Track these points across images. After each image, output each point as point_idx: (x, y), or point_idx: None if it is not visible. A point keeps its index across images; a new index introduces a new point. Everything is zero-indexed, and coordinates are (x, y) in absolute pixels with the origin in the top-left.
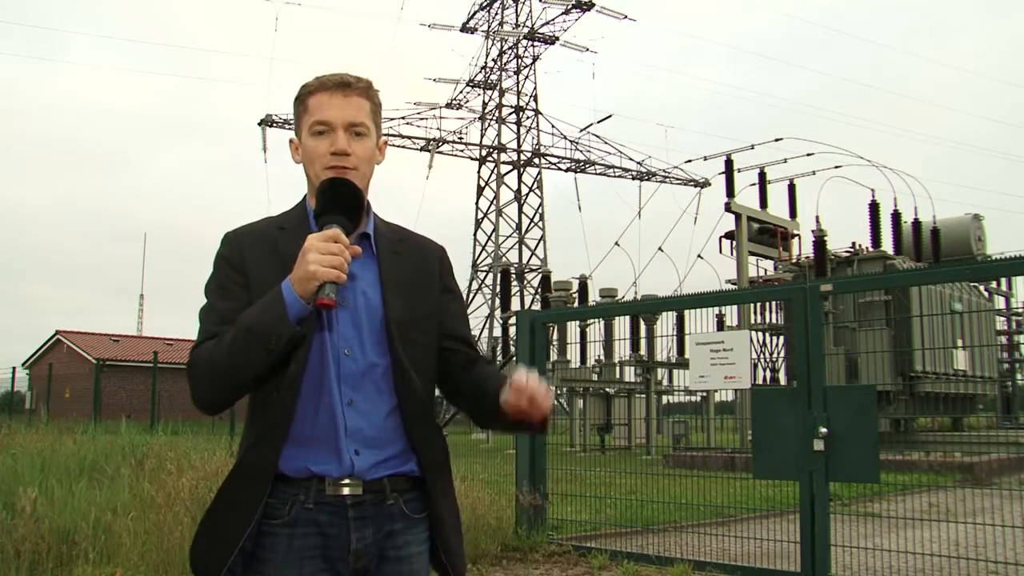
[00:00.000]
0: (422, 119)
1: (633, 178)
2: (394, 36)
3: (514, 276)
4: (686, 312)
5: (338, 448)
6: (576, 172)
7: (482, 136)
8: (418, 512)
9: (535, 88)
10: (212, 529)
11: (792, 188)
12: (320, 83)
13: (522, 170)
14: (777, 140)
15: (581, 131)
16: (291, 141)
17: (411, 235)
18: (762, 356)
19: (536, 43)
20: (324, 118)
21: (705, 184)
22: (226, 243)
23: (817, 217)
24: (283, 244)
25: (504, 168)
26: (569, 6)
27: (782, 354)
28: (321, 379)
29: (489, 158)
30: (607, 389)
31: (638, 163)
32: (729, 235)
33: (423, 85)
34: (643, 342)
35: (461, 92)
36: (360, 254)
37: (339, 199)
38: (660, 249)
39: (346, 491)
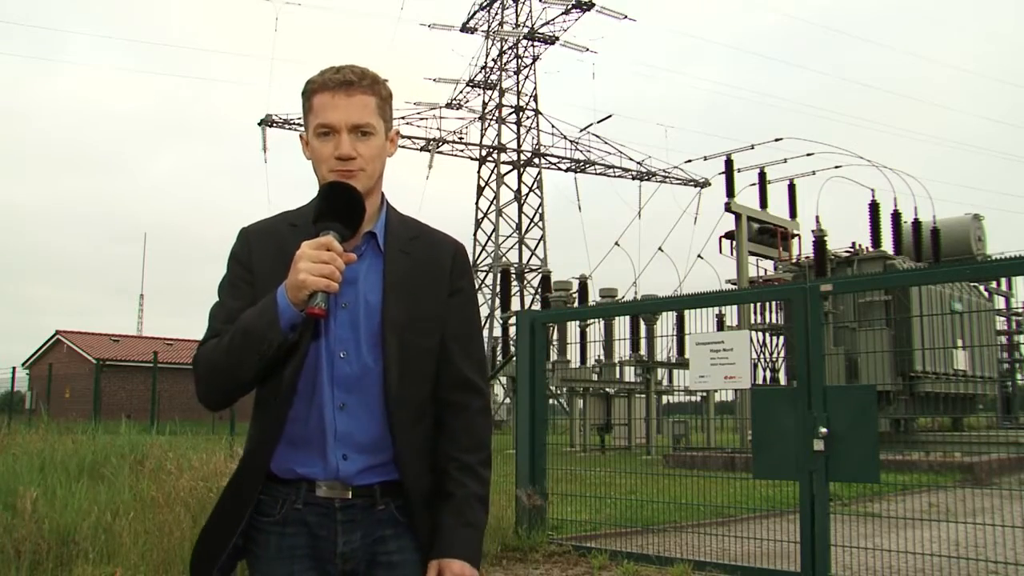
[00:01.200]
0: (422, 119)
1: (633, 178)
2: (394, 36)
3: (514, 276)
4: (686, 312)
5: (325, 452)
6: (576, 172)
7: (482, 136)
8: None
9: (535, 88)
10: (208, 532)
11: (792, 188)
12: (323, 81)
13: (522, 170)
14: (777, 140)
15: (581, 131)
16: (301, 136)
17: (425, 232)
18: (762, 356)
19: (536, 43)
20: (327, 121)
21: (705, 184)
22: (238, 239)
23: (817, 217)
24: (291, 241)
25: (504, 168)
26: (569, 6)
27: (782, 354)
28: (314, 382)
29: (489, 158)
30: (607, 389)
31: (638, 163)
32: (729, 235)
33: (423, 85)
34: (643, 342)
35: (461, 92)
36: (354, 260)
37: (336, 205)
38: (660, 249)
39: (334, 493)
